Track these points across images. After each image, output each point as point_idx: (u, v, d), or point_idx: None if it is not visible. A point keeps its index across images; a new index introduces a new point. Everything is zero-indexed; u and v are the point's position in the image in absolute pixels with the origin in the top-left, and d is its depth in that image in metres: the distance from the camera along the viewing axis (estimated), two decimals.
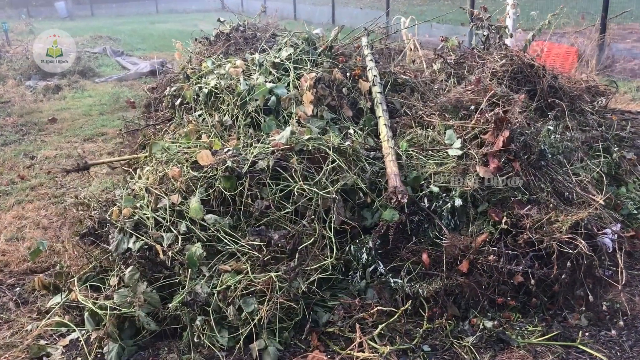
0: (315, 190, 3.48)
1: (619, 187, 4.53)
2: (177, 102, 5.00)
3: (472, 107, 4.16)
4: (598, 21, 10.55)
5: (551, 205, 3.61)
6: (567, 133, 4.06)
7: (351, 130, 4.00)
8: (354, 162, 3.85)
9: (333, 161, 3.69)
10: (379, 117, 4.40)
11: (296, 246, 3.26)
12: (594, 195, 3.88)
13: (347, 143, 3.75)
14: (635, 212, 4.21)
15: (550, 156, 3.83)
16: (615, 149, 4.69)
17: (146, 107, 6.91)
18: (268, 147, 3.68)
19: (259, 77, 4.50)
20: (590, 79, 5.95)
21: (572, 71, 10.19)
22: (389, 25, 9.35)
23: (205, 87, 4.66)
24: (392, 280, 3.40)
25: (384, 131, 4.19)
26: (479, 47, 5.77)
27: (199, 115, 4.65)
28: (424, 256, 3.47)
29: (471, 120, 3.97)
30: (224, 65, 4.96)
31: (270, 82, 4.47)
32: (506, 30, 5.84)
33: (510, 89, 4.56)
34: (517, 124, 3.77)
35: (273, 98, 4.28)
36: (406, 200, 3.51)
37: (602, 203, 3.75)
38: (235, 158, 3.54)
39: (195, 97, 4.73)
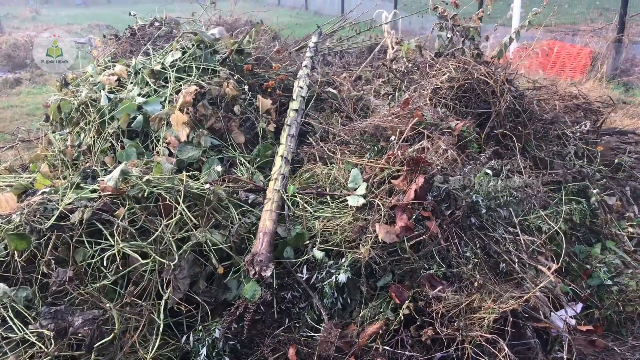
0: (136, 256, 2.56)
1: (593, 245, 3.51)
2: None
3: (393, 138, 3.19)
4: (616, 18, 9.40)
5: (476, 283, 2.64)
6: (516, 177, 3.06)
7: (219, 168, 3.06)
8: (222, 210, 2.92)
9: (187, 211, 2.76)
10: (280, 144, 3.47)
11: (94, 339, 2.35)
12: (545, 265, 2.89)
13: (207, 186, 2.82)
14: (609, 282, 3.20)
15: (485, 211, 2.84)
16: (595, 192, 3.67)
17: None
18: (98, 191, 2.77)
19: (134, 89, 3.59)
20: (581, 95, 4.89)
21: (583, 76, 9.09)
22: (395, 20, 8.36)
23: (74, 99, 3.77)
24: None
25: (277, 165, 3.27)
26: (442, 51, 4.78)
27: (67, 134, 3.76)
28: (290, 352, 2.57)
29: (383, 157, 3.01)
30: (109, 70, 4.05)
31: (145, 95, 3.55)
32: (477, 31, 4.81)
33: (455, 112, 3.57)
34: (438, 167, 2.80)
35: (140, 117, 3.37)
36: (269, 274, 2.57)
37: (552, 279, 2.76)
38: (43, 206, 2.64)
39: (61, 110, 3.85)
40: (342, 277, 2.62)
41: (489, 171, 2.91)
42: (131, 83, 3.70)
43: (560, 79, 8.63)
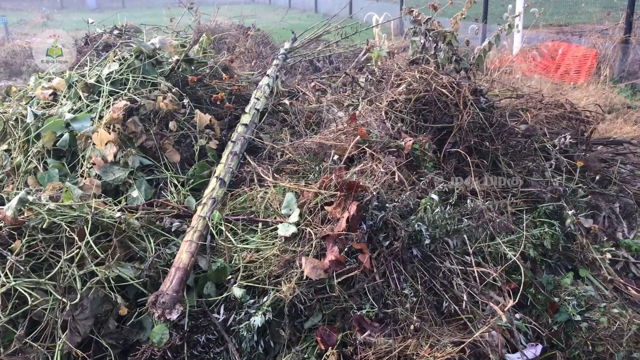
0: (31, 293, 2.31)
1: (567, 273, 3.19)
2: None
3: (337, 157, 2.91)
4: (623, 18, 8.99)
5: (412, 326, 2.34)
6: (470, 201, 2.75)
7: (135, 194, 2.80)
8: (138, 240, 2.66)
9: (92, 243, 2.51)
10: (221, 163, 3.20)
11: None
12: (498, 302, 2.59)
13: (119, 215, 2.56)
14: (578, 317, 2.87)
15: (429, 241, 2.54)
16: (570, 212, 3.34)
17: None
18: None
19: (66, 104, 3.35)
20: (567, 103, 4.55)
21: (588, 78, 8.72)
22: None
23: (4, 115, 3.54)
24: None
25: (210, 187, 3.01)
26: (415, 58, 4.47)
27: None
28: None
29: (319, 181, 2.72)
30: (48, 83, 3.82)
31: (77, 111, 3.31)
32: (454, 36, 4.50)
33: (412, 127, 3.27)
34: (375, 192, 2.51)
35: (66, 135, 3.13)
36: (175, 317, 2.31)
37: (504, 319, 2.45)
38: None
39: None
40: (258, 321, 2.34)
41: (434, 196, 2.60)
42: (64, 97, 3.46)
43: (564, 82, 8.27)
